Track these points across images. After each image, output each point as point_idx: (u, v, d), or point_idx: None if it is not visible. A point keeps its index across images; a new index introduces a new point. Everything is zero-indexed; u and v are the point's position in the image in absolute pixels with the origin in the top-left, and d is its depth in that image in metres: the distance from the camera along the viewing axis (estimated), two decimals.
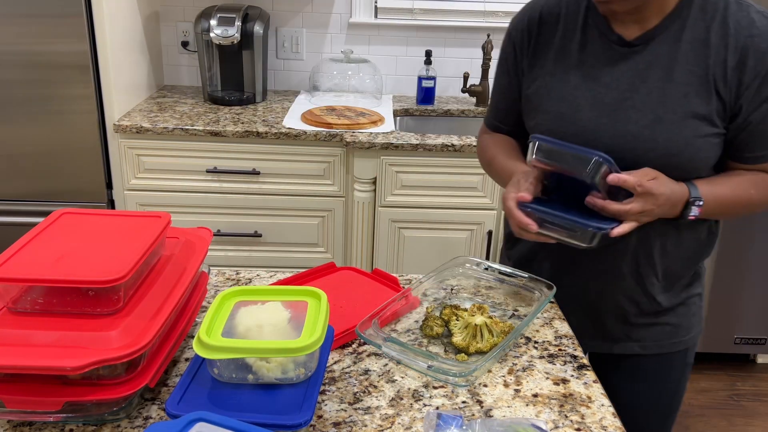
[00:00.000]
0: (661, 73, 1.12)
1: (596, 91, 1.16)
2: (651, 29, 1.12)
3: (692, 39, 1.11)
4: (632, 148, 1.12)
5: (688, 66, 1.11)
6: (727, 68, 1.09)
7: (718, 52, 1.10)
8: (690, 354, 1.34)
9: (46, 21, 2.12)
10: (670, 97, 1.11)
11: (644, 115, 1.12)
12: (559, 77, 1.19)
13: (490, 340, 1.04)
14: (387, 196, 2.31)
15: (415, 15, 2.80)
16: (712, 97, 1.11)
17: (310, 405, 0.82)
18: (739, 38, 1.09)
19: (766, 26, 1.09)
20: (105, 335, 0.81)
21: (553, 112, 1.19)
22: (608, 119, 1.14)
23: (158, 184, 2.34)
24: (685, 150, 1.11)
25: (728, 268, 2.59)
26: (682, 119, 1.11)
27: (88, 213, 1.01)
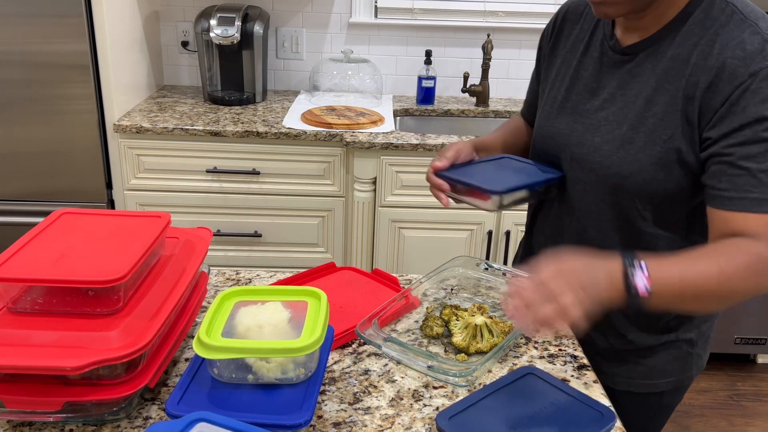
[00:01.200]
0: (638, 88, 1.05)
1: (581, 96, 1.13)
2: (645, 39, 1.05)
3: (676, 55, 1.01)
4: (591, 161, 1.08)
5: (665, 84, 1.01)
6: (698, 89, 0.97)
7: (694, 72, 0.98)
8: (668, 397, 1.24)
9: (46, 21, 2.12)
10: (638, 116, 1.03)
11: (611, 130, 1.06)
12: (560, 77, 1.18)
13: (490, 340, 1.04)
14: (387, 196, 2.31)
15: (415, 15, 2.80)
16: (678, 119, 0.99)
17: (310, 405, 0.82)
18: (718, 57, 0.96)
19: (755, 49, 0.94)
20: (105, 335, 0.81)
21: (545, 111, 1.20)
22: (582, 127, 1.11)
23: (158, 184, 2.34)
24: (637, 174, 1.03)
25: None
26: (644, 142, 1.02)
27: (88, 213, 1.01)
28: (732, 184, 0.95)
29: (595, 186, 1.09)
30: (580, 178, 1.12)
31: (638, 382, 1.20)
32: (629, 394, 1.19)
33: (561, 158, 1.15)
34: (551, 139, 1.16)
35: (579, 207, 1.14)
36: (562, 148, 1.14)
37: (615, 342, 1.18)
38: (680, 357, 1.21)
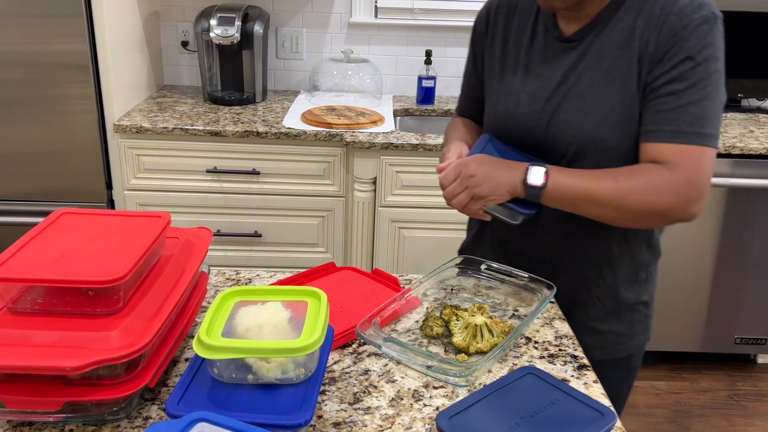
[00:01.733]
0: (592, 63, 1.14)
1: (535, 86, 1.20)
2: (588, 24, 1.15)
3: (622, 28, 1.12)
4: (563, 136, 1.16)
5: (617, 52, 1.12)
6: (648, 46, 1.09)
7: (642, 36, 1.10)
8: (635, 360, 1.33)
9: (46, 21, 2.12)
10: (598, 85, 1.13)
11: (573, 105, 1.15)
12: (508, 70, 1.24)
13: (490, 340, 1.04)
14: (387, 196, 2.31)
15: (415, 15, 2.80)
16: (634, 80, 1.11)
17: (310, 405, 0.82)
18: (660, 17, 1.08)
19: (687, 6, 1.07)
20: (105, 335, 0.81)
21: (499, 105, 1.25)
22: (543, 112, 1.18)
23: (158, 184, 2.34)
24: (611, 135, 1.12)
25: (728, 268, 2.59)
26: (609, 105, 1.12)
27: (88, 213, 1.01)
28: (654, 118, 1.09)
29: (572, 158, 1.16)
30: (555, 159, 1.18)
31: (610, 349, 1.28)
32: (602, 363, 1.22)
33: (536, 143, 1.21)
34: (519, 128, 1.22)
35: None
36: (532, 133, 1.20)
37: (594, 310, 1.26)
38: (641, 320, 1.31)
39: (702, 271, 2.59)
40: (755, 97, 2.86)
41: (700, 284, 2.61)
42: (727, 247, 2.55)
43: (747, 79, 2.76)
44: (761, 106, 2.90)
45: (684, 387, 2.69)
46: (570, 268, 1.25)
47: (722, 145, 2.36)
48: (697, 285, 2.61)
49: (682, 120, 1.06)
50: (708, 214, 2.50)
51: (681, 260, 2.56)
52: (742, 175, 2.41)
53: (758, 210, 2.50)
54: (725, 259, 2.57)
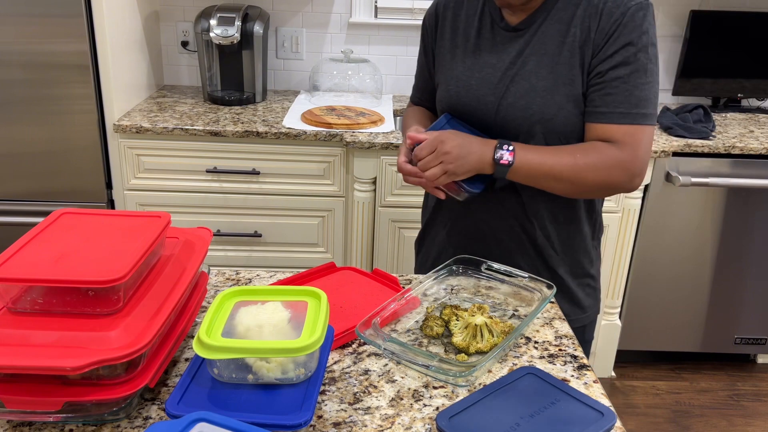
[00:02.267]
0: (536, 49, 1.23)
1: (485, 72, 1.28)
2: (531, 14, 1.24)
3: (563, 17, 1.21)
4: (513, 118, 1.24)
5: (559, 38, 1.21)
6: (590, 32, 1.19)
7: (583, 23, 1.19)
8: (588, 332, 1.43)
9: (46, 21, 2.12)
10: (543, 68, 1.22)
11: (520, 87, 1.23)
12: (458, 60, 1.32)
13: (490, 340, 1.04)
14: (387, 196, 2.31)
15: (415, 15, 2.80)
16: (577, 63, 1.20)
17: (310, 405, 0.82)
18: (598, 6, 1.18)
19: None
20: (105, 335, 0.81)
21: (450, 91, 1.33)
22: (493, 96, 1.26)
23: (158, 184, 2.34)
24: (558, 114, 1.21)
25: (728, 268, 2.59)
26: (553, 86, 1.21)
27: (88, 213, 1.01)
28: (603, 101, 1.19)
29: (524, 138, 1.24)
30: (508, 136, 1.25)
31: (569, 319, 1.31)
32: None
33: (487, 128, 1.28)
34: (471, 115, 1.30)
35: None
36: (485, 118, 1.28)
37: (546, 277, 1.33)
38: (590, 293, 1.41)
39: (702, 271, 2.59)
40: (755, 97, 2.86)
41: (700, 284, 2.61)
42: (727, 247, 2.55)
43: (747, 79, 2.77)
44: (761, 106, 2.90)
45: (684, 387, 2.69)
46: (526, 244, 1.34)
47: (722, 145, 2.36)
48: (697, 285, 2.61)
49: (629, 102, 1.18)
50: (708, 214, 2.50)
51: (681, 260, 2.56)
52: (742, 175, 2.41)
53: (758, 210, 2.50)
54: (725, 259, 2.57)
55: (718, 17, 2.69)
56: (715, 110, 2.80)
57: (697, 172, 2.39)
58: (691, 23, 2.68)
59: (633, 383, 2.71)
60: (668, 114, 2.55)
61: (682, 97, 2.86)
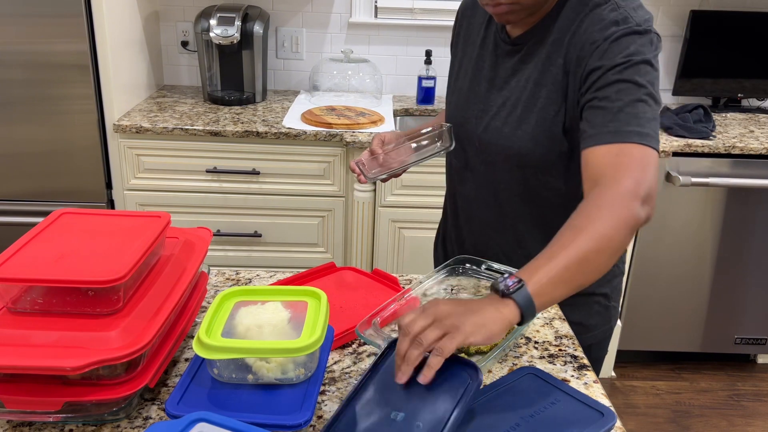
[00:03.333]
0: (528, 73, 1.17)
1: (482, 85, 1.24)
2: (529, 29, 1.17)
3: (555, 40, 1.14)
4: (496, 143, 1.21)
5: (549, 67, 1.14)
6: (571, 64, 1.10)
7: (569, 51, 1.11)
8: (596, 350, 1.33)
9: (46, 21, 2.12)
10: (530, 97, 1.16)
11: (509, 114, 1.19)
12: (463, 68, 1.30)
13: None
14: (387, 196, 2.31)
15: (415, 15, 2.80)
16: (561, 95, 1.13)
17: (310, 405, 0.82)
18: (584, 35, 1.09)
19: (611, 21, 1.06)
20: (105, 335, 0.81)
21: (453, 102, 1.31)
22: (483, 113, 1.23)
23: (158, 184, 2.34)
24: (535, 149, 1.16)
25: (728, 268, 2.59)
26: (535, 119, 1.15)
27: (88, 213, 1.01)
28: (591, 123, 1.04)
29: (502, 166, 1.22)
30: (490, 161, 1.24)
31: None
32: None
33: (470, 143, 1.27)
34: (462, 128, 1.27)
35: (489, 186, 1.27)
36: (471, 135, 1.26)
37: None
38: (600, 311, 1.32)
39: (702, 271, 2.59)
40: (755, 97, 2.86)
41: (700, 284, 2.61)
42: (727, 247, 2.55)
43: (747, 79, 2.77)
44: (761, 106, 2.90)
45: (684, 387, 2.69)
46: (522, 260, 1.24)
47: (722, 145, 2.36)
48: (697, 285, 2.61)
49: (618, 120, 1.00)
50: (708, 214, 2.50)
51: (681, 260, 2.56)
52: (742, 175, 2.41)
53: (758, 210, 2.50)
54: (725, 259, 2.57)
55: (718, 17, 2.69)
56: (715, 110, 2.80)
57: (697, 172, 2.39)
58: (691, 23, 2.68)
59: (633, 383, 2.71)
60: (668, 114, 2.55)
61: (682, 97, 2.85)
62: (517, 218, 1.27)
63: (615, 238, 0.92)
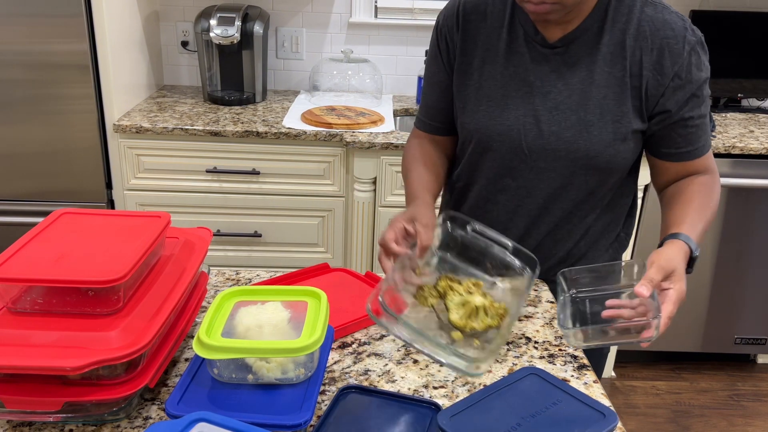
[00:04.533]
0: (582, 75, 1.16)
1: (522, 90, 1.18)
2: (571, 31, 1.15)
3: (610, 42, 1.14)
4: (555, 149, 1.18)
5: (607, 68, 1.14)
6: (643, 68, 1.13)
7: (634, 54, 1.13)
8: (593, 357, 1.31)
9: (46, 21, 2.12)
10: (590, 100, 1.15)
11: (566, 117, 1.16)
12: (487, 75, 1.21)
13: (485, 320, 1.03)
14: (387, 196, 2.31)
15: (415, 15, 2.80)
16: (629, 98, 1.15)
17: (310, 405, 0.82)
18: (654, 39, 1.12)
19: (680, 27, 1.13)
20: (105, 335, 0.81)
21: (481, 111, 1.21)
22: (533, 119, 1.18)
23: (158, 184, 2.34)
24: (604, 152, 1.16)
25: (728, 268, 2.59)
26: (601, 122, 1.15)
27: (88, 213, 1.01)
28: (689, 140, 1.19)
29: (561, 171, 1.19)
30: (542, 167, 1.20)
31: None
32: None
33: (514, 152, 1.20)
34: (501, 136, 1.20)
35: (540, 193, 1.23)
36: (516, 142, 1.20)
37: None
38: None
39: (702, 271, 2.59)
40: (755, 97, 2.86)
41: (700, 284, 2.61)
42: (727, 247, 2.55)
43: (747, 79, 2.76)
44: (761, 106, 2.90)
45: (684, 387, 2.69)
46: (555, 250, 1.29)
47: (722, 145, 2.36)
48: (697, 285, 2.61)
49: (705, 133, 1.21)
50: None
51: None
52: (742, 175, 2.41)
53: (758, 210, 2.50)
54: (725, 259, 2.57)
55: (718, 17, 2.69)
56: (715, 110, 2.80)
57: None
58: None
59: (633, 383, 2.71)
60: None
61: None
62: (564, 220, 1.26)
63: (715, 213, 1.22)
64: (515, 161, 1.21)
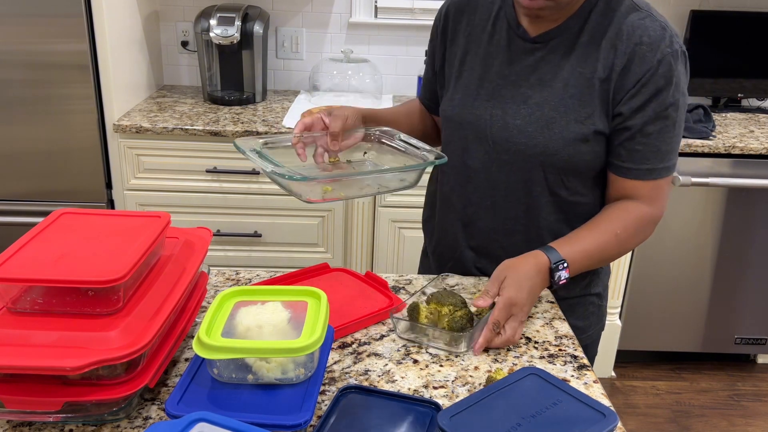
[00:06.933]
0: (554, 72, 1.15)
1: (495, 82, 1.20)
2: (553, 28, 1.16)
3: (587, 41, 1.14)
4: (516, 142, 1.18)
5: (579, 68, 1.14)
6: (613, 72, 1.11)
7: (607, 56, 1.12)
8: (590, 350, 1.37)
9: (46, 21, 2.12)
10: (557, 97, 1.15)
11: (532, 112, 1.16)
12: (468, 65, 1.24)
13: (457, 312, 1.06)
14: (387, 196, 2.31)
15: (415, 15, 2.80)
16: (596, 100, 1.13)
17: (310, 405, 0.82)
18: (629, 44, 1.10)
19: (658, 36, 1.09)
20: (105, 335, 0.81)
21: (456, 99, 1.26)
22: (500, 111, 1.19)
23: (158, 184, 2.34)
24: (563, 150, 1.15)
25: (728, 268, 2.59)
26: (563, 120, 1.14)
27: (88, 213, 1.01)
28: (631, 157, 1.15)
29: (521, 165, 1.19)
30: (504, 159, 1.20)
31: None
32: None
33: (480, 142, 1.22)
34: (470, 125, 1.23)
35: (500, 187, 1.23)
36: (482, 133, 1.22)
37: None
38: (593, 311, 1.34)
39: (702, 271, 2.59)
40: (755, 97, 2.86)
41: (700, 284, 2.61)
42: (727, 247, 2.55)
43: (747, 79, 2.77)
44: (761, 106, 2.90)
45: (684, 387, 2.69)
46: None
47: (722, 145, 2.36)
48: (697, 285, 2.61)
49: (656, 158, 1.14)
50: (708, 214, 2.50)
51: (681, 260, 2.56)
52: (742, 175, 2.41)
53: (758, 210, 2.50)
54: (725, 259, 2.57)
55: (718, 17, 2.69)
56: (715, 110, 2.80)
57: (697, 172, 2.39)
58: (691, 23, 2.68)
59: (633, 383, 2.71)
60: None
61: None
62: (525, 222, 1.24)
63: (631, 248, 1.21)
64: (481, 151, 1.23)
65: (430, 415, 0.89)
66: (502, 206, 1.24)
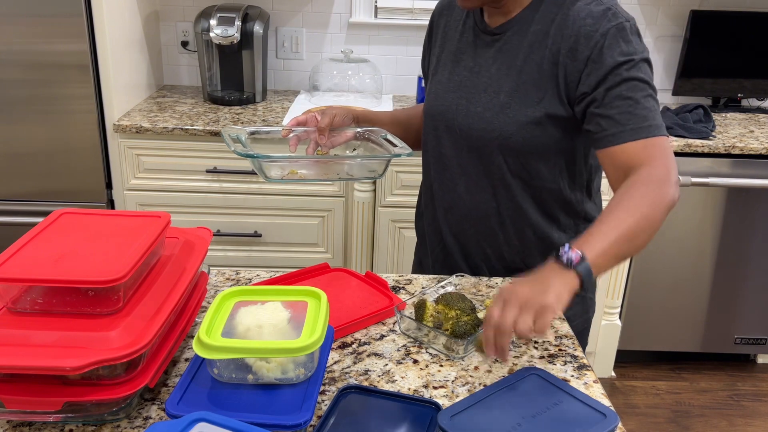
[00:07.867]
0: (511, 61, 1.21)
1: (462, 75, 1.28)
2: (509, 20, 1.22)
3: (537, 30, 1.19)
4: (479, 128, 1.24)
5: (531, 55, 1.19)
6: (560, 55, 1.15)
7: (555, 42, 1.16)
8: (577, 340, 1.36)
9: (46, 21, 2.12)
10: (511, 84, 1.21)
11: (490, 99, 1.23)
12: (442, 61, 1.34)
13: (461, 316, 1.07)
14: (387, 196, 2.31)
15: (415, 15, 2.80)
16: (548, 84, 1.17)
17: (310, 405, 0.82)
18: (573, 28, 1.14)
19: (599, 15, 1.13)
20: (105, 335, 0.81)
21: (431, 93, 1.35)
22: (465, 101, 1.27)
23: (158, 184, 2.34)
24: (517, 133, 1.20)
25: (728, 268, 2.59)
26: (517, 104, 1.20)
27: (88, 213, 1.01)
28: (610, 122, 1.12)
29: (483, 150, 1.25)
30: (470, 146, 1.26)
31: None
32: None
33: (449, 131, 1.30)
34: (441, 116, 1.31)
35: (470, 172, 1.28)
36: (450, 122, 1.29)
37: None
38: (578, 302, 1.32)
39: (702, 271, 2.59)
40: (755, 97, 2.86)
41: (700, 284, 2.61)
42: (727, 247, 2.55)
43: (747, 79, 2.77)
44: (761, 106, 2.90)
45: (684, 387, 2.69)
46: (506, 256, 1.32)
47: (722, 145, 2.36)
48: (697, 285, 2.61)
49: (636, 118, 1.11)
50: (708, 214, 2.50)
51: (681, 260, 2.56)
52: (742, 175, 2.41)
53: (758, 210, 2.50)
54: (725, 259, 2.57)
55: (718, 17, 2.69)
56: (715, 110, 2.80)
57: (697, 172, 2.39)
58: (691, 23, 2.68)
59: (633, 383, 2.71)
60: (668, 114, 2.55)
61: (682, 97, 2.85)
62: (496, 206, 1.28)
63: (655, 218, 1.06)
64: (451, 140, 1.30)
65: (430, 415, 0.89)
66: (473, 191, 1.30)
